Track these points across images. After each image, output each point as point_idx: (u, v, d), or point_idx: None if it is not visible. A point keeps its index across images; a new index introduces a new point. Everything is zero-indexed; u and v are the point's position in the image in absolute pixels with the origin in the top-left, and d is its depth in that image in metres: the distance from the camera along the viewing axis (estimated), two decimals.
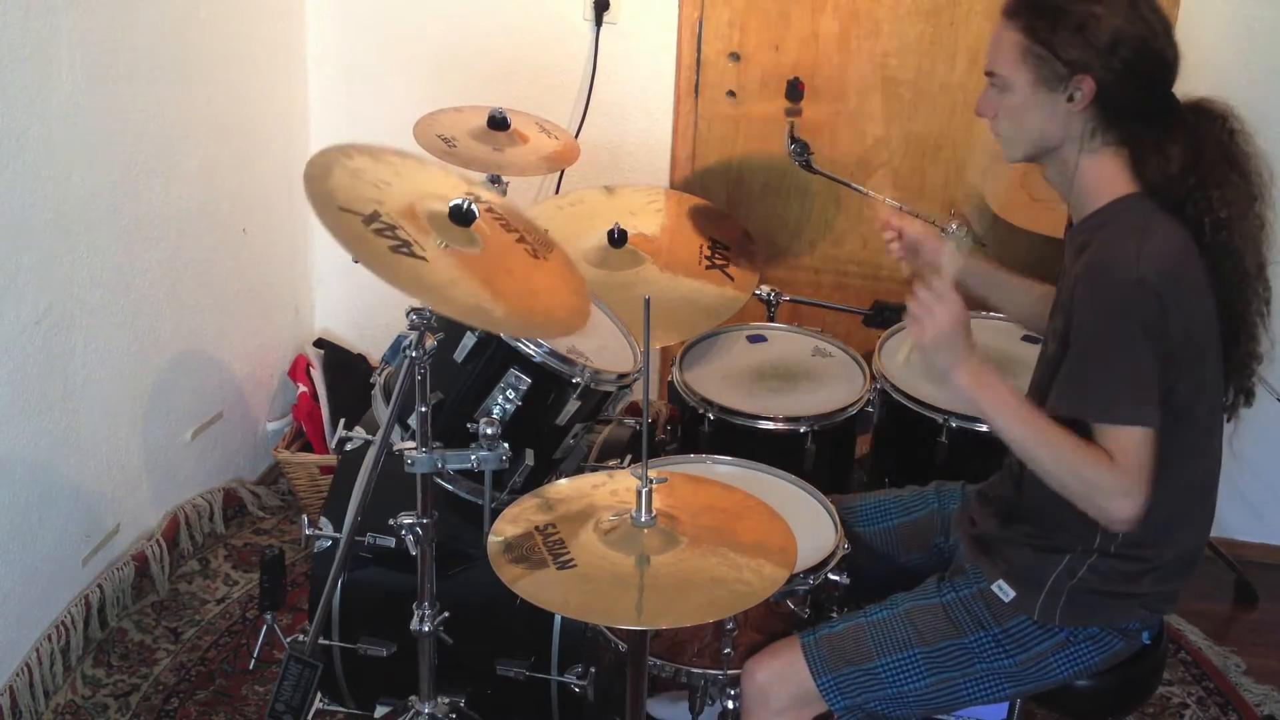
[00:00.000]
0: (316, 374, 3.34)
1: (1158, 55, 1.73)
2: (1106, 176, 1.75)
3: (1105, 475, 1.65)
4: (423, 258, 1.65)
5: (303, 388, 3.31)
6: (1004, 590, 1.85)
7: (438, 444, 1.87)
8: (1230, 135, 1.74)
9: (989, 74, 1.80)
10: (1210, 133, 1.73)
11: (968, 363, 1.74)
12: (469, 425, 1.91)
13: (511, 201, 1.89)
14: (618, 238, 2.62)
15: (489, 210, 1.82)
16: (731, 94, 3.17)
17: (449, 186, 1.83)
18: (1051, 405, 1.71)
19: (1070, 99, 1.72)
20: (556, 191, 3.28)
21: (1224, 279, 1.72)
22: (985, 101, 1.82)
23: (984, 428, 2.33)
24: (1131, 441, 1.64)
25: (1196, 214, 1.71)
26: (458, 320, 1.78)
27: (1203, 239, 1.71)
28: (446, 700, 2.07)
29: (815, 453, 2.42)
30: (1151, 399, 1.65)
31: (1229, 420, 1.84)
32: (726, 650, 1.92)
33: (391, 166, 1.80)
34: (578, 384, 2.04)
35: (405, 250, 1.63)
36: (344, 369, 3.39)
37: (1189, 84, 2.97)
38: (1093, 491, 1.66)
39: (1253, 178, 1.74)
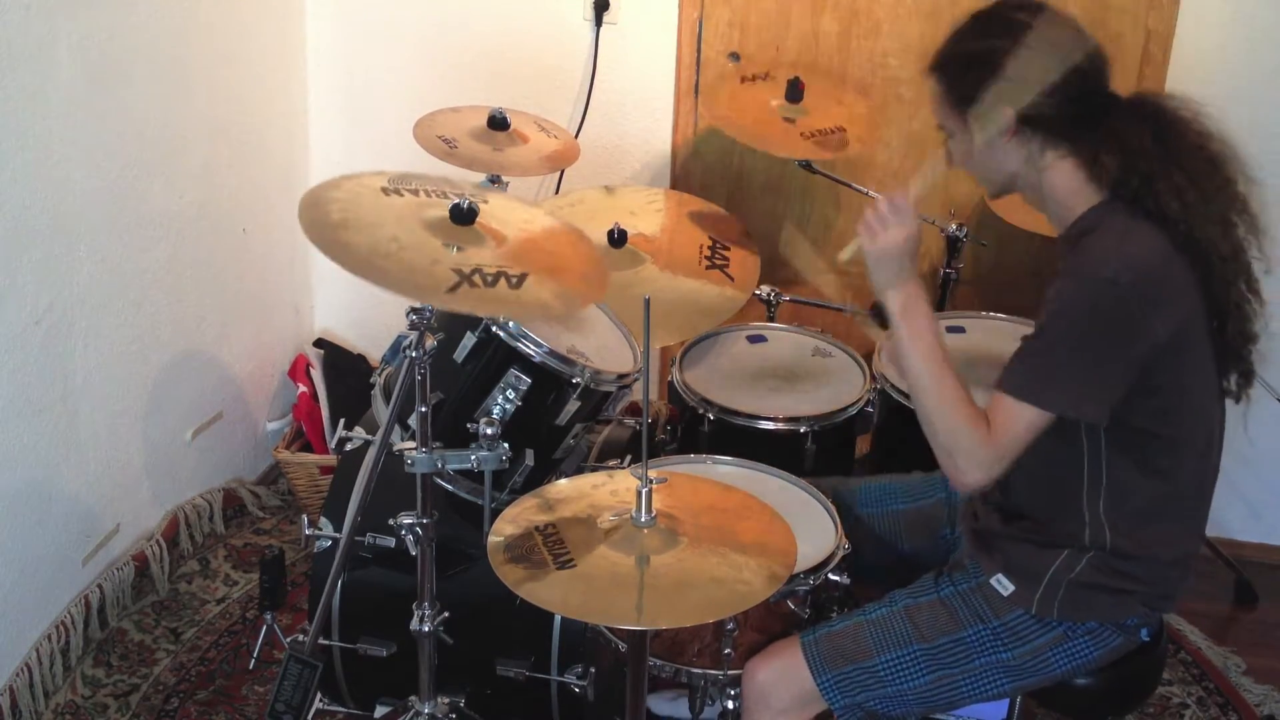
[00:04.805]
0: (316, 374, 3.34)
1: (1069, 67, 1.75)
2: (1072, 187, 1.78)
3: (974, 441, 1.71)
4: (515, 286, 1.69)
5: (303, 388, 3.31)
6: (1002, 584, 1.85)
7: (438, 444, 1.87)
8: (1170, 126, 1.74)
9: (940, 128, 1.89)
10: (1143, 130, 1.74)
11: (905, 285, 1.83)
12: (469, 425, 1.91)
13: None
14: (618, 238, 2.62)
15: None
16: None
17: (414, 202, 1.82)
18: (998, 381, 1.74)
19: (1000, 132, 1.78)
20: (556, 191, 3.28)
21: (1201, 271, 1.72)
22: (952, 153, 1.90)
23: None
24: (1017, 416, 1.69)
25: (1154, 210, 1.72)
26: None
27: (1168, 232, 1.71)
28: (446, 700, 2.07)
29: (815, 453, 2.42)
30: (1066, 389, 1.68)
31: (1238, 402, 1.84)
32: (727, 650, 1.92)
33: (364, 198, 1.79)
34: (578, 384, 2.04)
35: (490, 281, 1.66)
36: (344, 369, 3.39)
37: (1189, 84, 2.99)
38: (955, 449, 1.74)
39: (1205, 163, 1.74)
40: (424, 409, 1.82)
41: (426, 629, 1.97)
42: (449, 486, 2.08)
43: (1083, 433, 1.75)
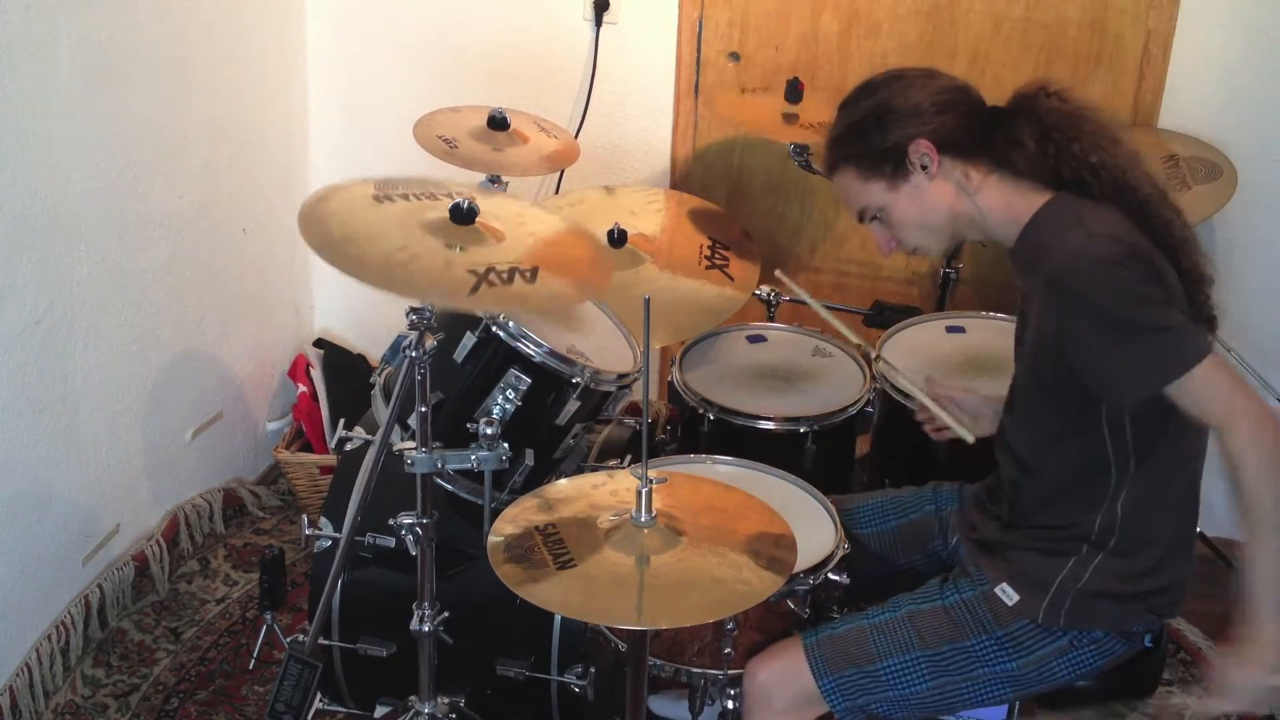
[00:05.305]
0: (316, 374, 3.34)
1: (947, 88, 1.81)
2: (1009, 199, 1.79)
3: (1244, 443, 1.60)
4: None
5: (303, 388, 3.31)
6: (1007, 594, 1.84)
7: (438, 444, 1.87)
8: (1059, 98, 1.77)
9: (861, 217, 1.90)
10: (1040, 105, 1.77)
11: (1265, 652, 1.63)
12: (469, 425, 1.91)
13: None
14: (618, 238, 2.62)
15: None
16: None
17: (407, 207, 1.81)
18: (1125, 397, 1.68)
19: (924, 168, 1.79)
20: (556, 191, 3.28)
21: (1137, 215, 1.72)
22: (880, 237, 1.91)
23: None
24: (1210, 374, 1.62)
25: (1076, 173, 1.73)
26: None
27: (1096, 192, 1.72)
28: (446, 700, 2.07)
29: (815, 453, 2.42)
30: (1189, 330, 1.65)
31: None
32: (727, 650, 1.92)
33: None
34: (578, 384, 2.03)
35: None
36: (344, 369, 3.40)
37: (1189, 84, 2.99)
38: (1272, 451, 1.60)
39: (1102, 120, 1.77)
40: (424, 409, 1.82)
41: (426, 629, 1.97)
42: (449, 486, 2.07)
43: (1105, 430, 1.75)
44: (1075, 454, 1.79)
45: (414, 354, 1.77)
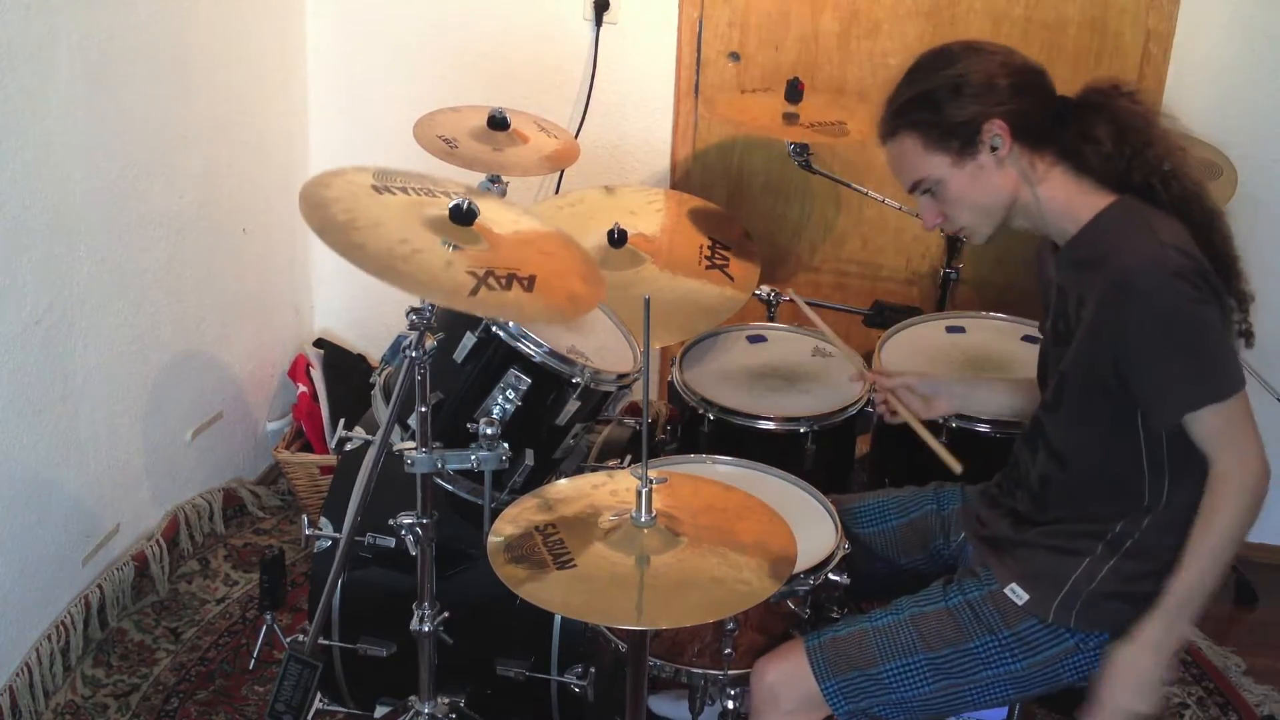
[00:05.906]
0: (316, 374, 3.34)
1: (1025, 69, 1.78)
2: (1072, 193, 1.77)
3: (1234, 490, 1.68)
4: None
5: (303, 388, 3.31)
6: (1017, 593, 1.84)
7: (438, 444, 1.87)
8: (1131, 99, 1.76)
9: (913, 188, 1.85)
10: (1115, 103, 1.76)
11: (1158, 654, 1.74)
12: (469, 425, 1.91)
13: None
14: (618, 238, 2.62)
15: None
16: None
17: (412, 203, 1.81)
18: (1164, 411, 1.70)
19: (993, 149, 1.76)
20: (556, 191, 3.28)
21: (1197, 226, 1.72)
22: (928, 212, 1.86)
23: (984, 428, 2.33)
24: (1236, 410, 1.67)
25: (1146, 178, 1.73)
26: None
27: (1162, 200, 1.72)
28: (446, 700, 2.07)
29: (815, 453, 2.42)
30: (1234, 362, 1.68)
31: None
32: (727, 650, 1.92)
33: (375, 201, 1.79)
34: (578, 384, 2.03)
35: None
36: (344, 369, 3.40)
37: (1189, 84, 2.99)
38: (1250, 505, 1.69)
39: (1170, 128, 1.77)
40: (424, 409, 1.82)
41: (426, 629, 1.97)
42: (449, 486, 2.08)
43: (1142, 439, 1.75)
44: (1113, 457, 1.79)
45: (414, 354, 1.77)
